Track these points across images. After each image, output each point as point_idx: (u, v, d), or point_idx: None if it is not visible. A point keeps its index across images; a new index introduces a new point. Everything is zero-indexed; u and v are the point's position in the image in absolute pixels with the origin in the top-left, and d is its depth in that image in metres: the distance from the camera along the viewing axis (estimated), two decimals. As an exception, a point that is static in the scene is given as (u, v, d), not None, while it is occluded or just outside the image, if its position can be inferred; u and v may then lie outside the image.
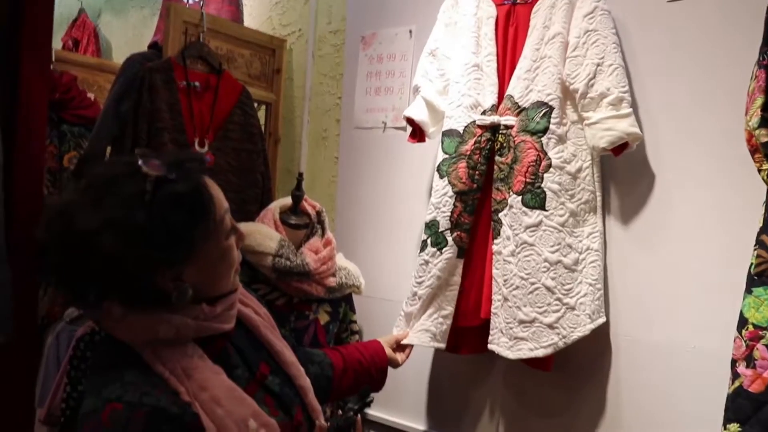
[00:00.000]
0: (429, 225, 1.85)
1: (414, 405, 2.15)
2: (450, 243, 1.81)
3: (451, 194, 1.82)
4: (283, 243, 1.85)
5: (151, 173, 0.99)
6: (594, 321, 1.65)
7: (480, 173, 1.80)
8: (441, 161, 1.86)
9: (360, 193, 2.38)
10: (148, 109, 2.12)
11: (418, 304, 1.84)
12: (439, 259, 1.82)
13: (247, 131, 2.37)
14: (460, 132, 1.83)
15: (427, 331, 1.83)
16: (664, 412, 1.64)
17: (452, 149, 1.84)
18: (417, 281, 1.86)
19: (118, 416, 0.92)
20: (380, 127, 2.34)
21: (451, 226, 1.81)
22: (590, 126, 1.68)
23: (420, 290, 1.84)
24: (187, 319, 1.03)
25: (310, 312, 1.92)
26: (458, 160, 1.82)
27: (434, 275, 1.82)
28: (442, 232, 1.82)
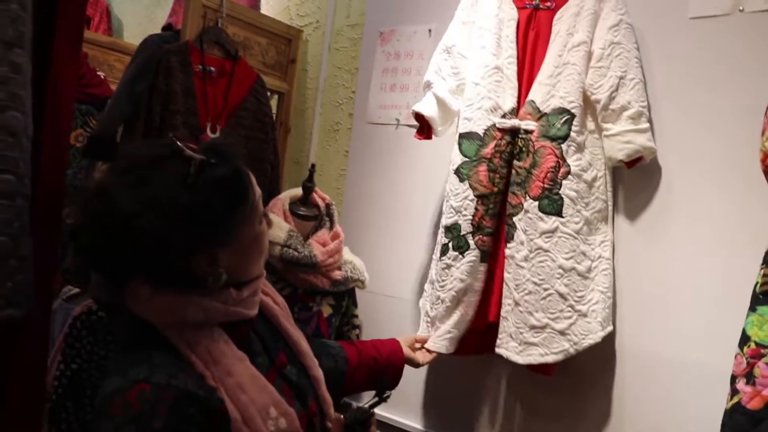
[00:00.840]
0: (450, 228, 1.85)
1: (413, 404, 2.16)
2: (472, 246, 1.81)
3: (472, 197, 1.81)
4: (291, 233, 1.86)
5: (196, 156, 0.99)
6: (604, 329, 1.67)
7: (501, 176, 1.81)
8: (461, 164, 1.85)
9: (369, 188, 2.38)
10: (163, 91, 2.11)
11: (441, 307, 1.84)
12: (461, 262, 1.82)
13: (259, 119, 2.37)
14: (481, 135, 1.83)
15: (451, 340, 1.82)
16: (665, 423, 1.66)
17: (473, 152, 1.83)
18: (440, 285, 1.85)
19: (146, 397, 0.92)
20: (393, 123, 2.34)
21: (473, 229, 1.81)
22: (609, 137, 1.70)
23: (443, 294, 1.84)
24: (215, 302, 1.03)
25: (313, 304, 1.92)
26: (479, 164, 1.82)
27: (457, 278, 1.82)
28: (464, 236, 1.82)
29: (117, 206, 0.96)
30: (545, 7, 1.84)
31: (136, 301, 1.02)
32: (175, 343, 1.01)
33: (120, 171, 1.01)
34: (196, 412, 0.95)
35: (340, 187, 2.50)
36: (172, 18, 3.33)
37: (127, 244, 0.96)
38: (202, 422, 0.95)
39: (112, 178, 1.01)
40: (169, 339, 1.01)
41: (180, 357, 1.00)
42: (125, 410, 0.92)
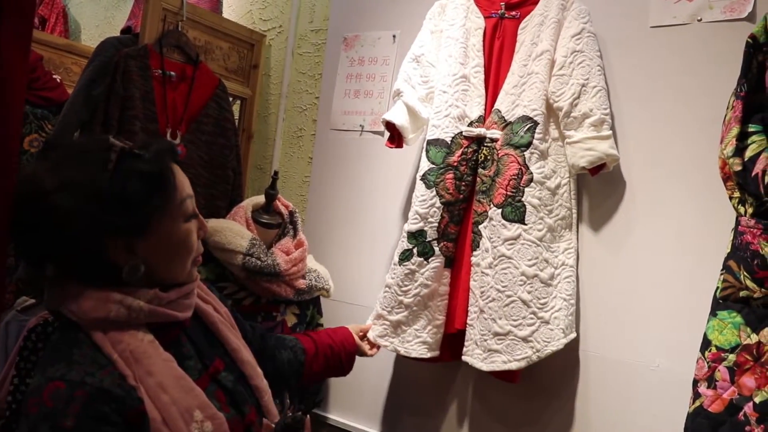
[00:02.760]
0: (415, 234, 1.84)
1: (375, 411, 2.14)
2: (437, 253, 1.82)
3: (438, 205, 1.82)
4: (254, 242, 1.83)
5: (117, 144, 1.03)
6: (567, 336, 1.67)
7: (466, 184, 1.82)
8: (427, 171, 1.86)
9: (333, 195, 2.36)
10: (121, 95, 2.06)
11: (405, 312, 1.84)
12: (426, 268, 1.82)
13: (220, 125, 2.33)
14: (448, 142, 1.83)
15: (424, 343, 1.83)
16: (629, 428, 1.67)
17: (440, 159, 1.84)
18: (402, 290, 1.84)
19: (59, 395, 0.93)
20: (357, 130, 2.32)
21: (439, 236, 1.82)
22: (571, 144, 1.71)
23: (406, 299, 1.83)
24: (140, 301, 1.05)
25: (277, 313, 1.89)
26: (446, 171, 1.82)
27: (421, 284, 1.82)
28: (429, 242, 1.82)
29: (37, 184, 1.01)
30: (510, 17, 1.85)
31: (64, 298, 1.03)
32: (98, 341, 1.01)
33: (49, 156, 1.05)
34: (111, 411, 0.95)
35: (303, 194, 2.47)
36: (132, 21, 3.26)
37: (42, 221, 1.00)
38: (117, 421, 0.95)
39: (41, 162, 1.05)
40: (92, 337, 1.01)
41: (102, 355, 1.00)
42: (39, 408, 0.92)
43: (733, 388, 1.37)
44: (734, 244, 1.41)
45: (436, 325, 1.83)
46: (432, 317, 1.83)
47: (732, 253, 1.41)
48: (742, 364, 1.37)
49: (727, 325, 1.40)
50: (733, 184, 1.42)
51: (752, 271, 1.36)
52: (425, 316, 1.83)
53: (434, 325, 1.83)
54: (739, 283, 1.38)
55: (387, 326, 1.87)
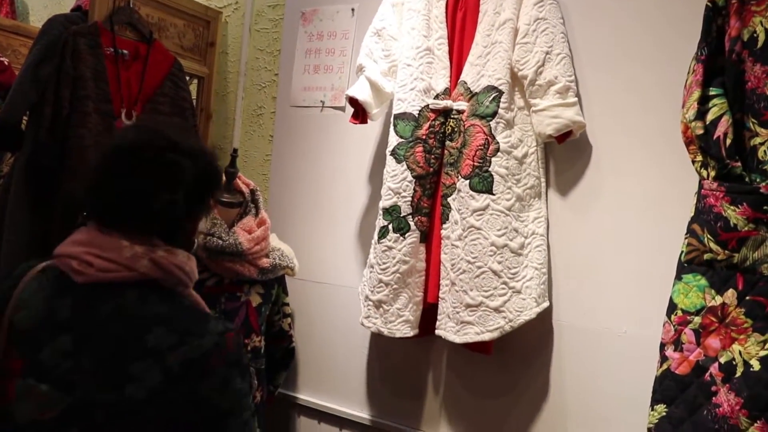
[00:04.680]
0: (389, 210, 1.83)
1: (346, 388, 2.13)
2: (413, 228, 1.80)
3: (410, 179, 1.80)
4: (215, 221, 1.78)
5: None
6: (539, 305, 1.68)
7: (435, 157, 1.80)
8: (396, 145, 1.84)
9: (295, 173, 2.32)
10: (71, 75, 1.97)
11: (386, 290, 1.82)
12: (402, 244, 1.80)
13: (177, 105, 2.26)
14: (415, 116, 1.82)
15: (407, 322, 1.81)
16: (603, 393, 1.69)
17: (408, 133, 1.82)
18: (381, 268, 1.83)
19: (237, 342, 1.07)
20: (318, 106, 2.28)
21: (413, 210, 1.81)
22: (537, 113, 1.70)
23: (386, 277, 1.82)
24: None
25: (241, 293, 1.86)
26: (415, 144, 1.81)
27: (400, 260, 1.80)
28: (404, 217, 1.81)
29: (164, 136, 1.12)
30: (472, -13, 1.82)
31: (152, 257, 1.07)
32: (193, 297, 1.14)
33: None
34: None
35: (265, 173, 2.42)
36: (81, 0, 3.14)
37: (159, 170, 1.09)
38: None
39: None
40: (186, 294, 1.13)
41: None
42: (226, 358, 1.04)
43: (699, 349, 1.39)
44: (698, 207, 1.42)
45: (416, 302, 1.82)
46: (412, 294, 1.82)
47: (696, 217, 1.42)
48: (707, 325, 1.38)
49: (692, 288, 1.41)
50: (695, 148, 1.43)
51: (715, 234, 1.38)
52: (405, 293, 1.82)
53: (414, 302, 1.82)
54: (703, 246, 1.39)
55: (371, 306, 1.85)
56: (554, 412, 1.76)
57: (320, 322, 2.20)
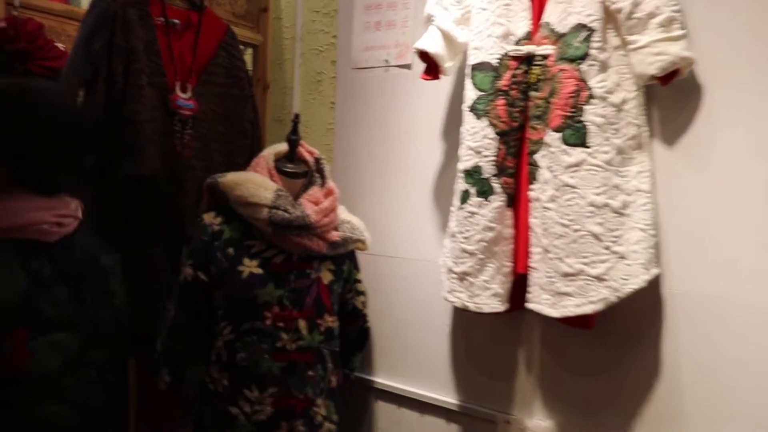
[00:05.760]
0: (470, 172, 1.65)
1: (427, 371, 1.97)
2: (497, 190, 1.62)
3: (492, 136, 1.61)
4: (279, 193, 1.65)
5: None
6: (649, 271, 1.46)
7: (520, 110, 1.60)
8: (476, 99, 1.65)
9: (361, 140, 2.16)
10: (123, 47, 1.86)
11: (471, 261, 1.65)
12: (487, 209, 1.62)
13: (232, 75, 2.13)
14: (494, 65, 1.62)
15: (495, 295, 1.64)
16: (725, 369, 1.47)
17: (487, 85, 1.63)
18: (464, 237, 1.66)
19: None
20: (382, 66, 2.11)
21: (497, 171, 1.62)
22: (637, 51, 1.48)
23: (469, 246, 1.64)
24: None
25: (311, 270, 1.72)
26: (496, 97, 1.62)
27: (485, 227, 1.62)
28: (486, 179, 1.62)
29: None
30: None
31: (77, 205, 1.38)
32: None
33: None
34: None
35: (329, 142, 2.27)
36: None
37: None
38: None
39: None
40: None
41: None
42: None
43: None
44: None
45: (504, 273, 1.63)
46: (500, 264, 1.63)
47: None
48: None
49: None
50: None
51: None
52: (492, 263, 1.63)
53: (503, 273, 1.63)
54: None
55: (454, 279, 1.69)
56: (668, 391, 1.55)
57: (396, 299, 2.05)
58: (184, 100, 1.97)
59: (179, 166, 1.93)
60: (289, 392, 1.66)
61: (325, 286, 1.74)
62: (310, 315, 1.70)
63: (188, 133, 1.97)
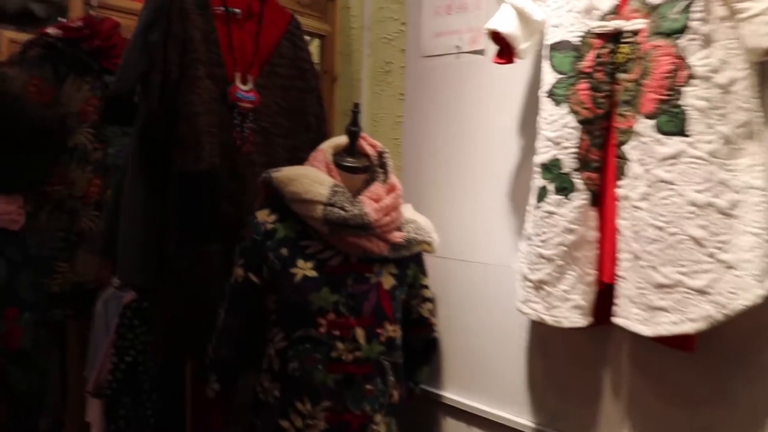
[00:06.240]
0: (548, 166, 1.47)
1: (506, 389, 1.78)
2: (579, 187, 1.43)
3: (574, 124, 1.42)
4: (336, 189, 1.51)
5: None
6: (763, 284, 1.22)
7: (605, 95, 1.40)
8: (555, 83, 1.46)
9: (430, 133, 2.00)
10: (180, 38, 1.79)
11: (548, 268, 1.46)
12: (567, 208, 1.44)
13: (297, 66, 2.02)
14: (576, 44, 1.43)
15: (577, 308, 1.44)
16: None
17: (567, 67, 1.44)
18: (540, 240, 1.48)
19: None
20: (453, 53, 1.94)
21: (579, 165, 1.43)
22: (749, 20, 1.24)
23: (547, 251, 1.46)
24: None
25: (371, 274, 1.58)
26: (578, 80, 1.42)
27: (564, 229, 1.44)
28: (566, 174, 1.44)
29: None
30: None
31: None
32: None
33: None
34: None
35: (396, 136, 2.12)
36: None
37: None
38: None
39: None
40: None
41: None
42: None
43: None
44: None
45: (587, 282, 1.44)
46: (582, 272, 1.44)
47: None
48: None
49: None
50: None
51: None
52: (573, 271, 1.44)
53: (585, 282, 1.44)
54: None
55: (529, 288, 1.51)
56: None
57: (468, 307, 1.87)
58: (244, 92, 1.89)
59: (239, 161, 1.85)
60: (344, 407, 1.52)
61: (386, 292, 1.59)
62: (369, 323, 1.55)
63: (248, 126, 1.88)
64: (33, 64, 2.44)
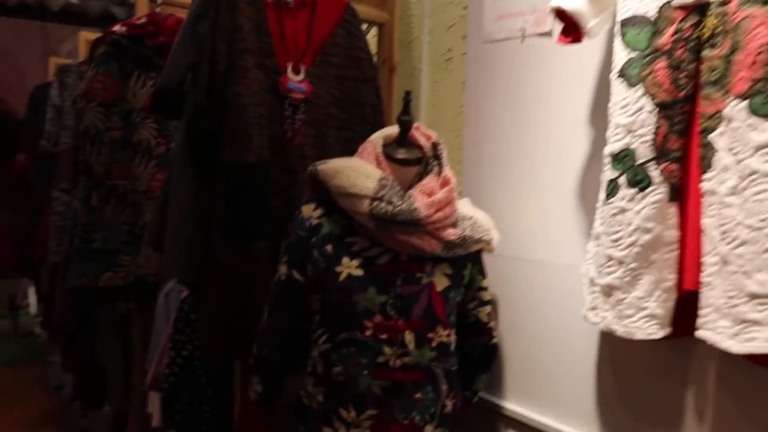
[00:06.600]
0: (619, 156, 1.31)
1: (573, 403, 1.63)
2: (656, 180, 1.26)
3: (650, 108, 1.26)
4: (384, 182, 1.41)
5: None
6: None
7: (687, 75, 1.23)
8: (627, 62, 1.30)
9: (493, 124, 1.86)
10: (228, 28, 1.73)
11: (619, 271, 1.31)
12: (641, 204, 1.28)
13: (352, 56, 1.93)
14: (652, 18, 1.27)
15: (652, 317, 1.28)
16: None
17: (642, 43, 1.28)
18: (611, 240, 1.32)
19: None
20: (517, 36, 1.79)
21: (656, 154, 1.26)
22: None
23: (618, 252, 1.31)
24: None
25: (422, 274, 1.46)
26: (654, 59, 1.26)
27: (638, 227, 1.28)
28: (641, 165, 1.28)
29: None
30: None
31: None
32: None
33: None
34: None
35: (458, 128, 1.99)
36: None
37: None
38: None
39: None
40: None
41: None
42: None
43: None
44: None
45: (665, 288, 1.27)
46: (659, 277, 1.27)
47: None
48: None
49: None
50: None
51: None
52: (649, 275, 1.28)
53: (663, 288, 1.27)
54: None
55: (598, 293, 1.36)
56: None
57: (530, 311, 1.73)
58: (296, 82, 1.81)
59: (290, 154, 1.78)
60: (391, 416, 1.41)
61: (439, 294, 1.47)
62: (419, 327, 1.44)
63: (300, 118, 1.81)
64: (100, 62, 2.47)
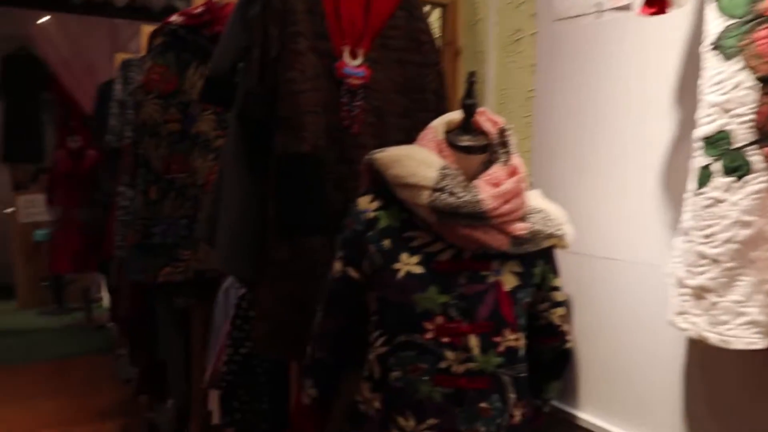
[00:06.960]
0: (713, 140, 1.16)
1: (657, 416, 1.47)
2: (758, 166, 1.11)
3: (750, 83, 1.10)
4: (446, 172, 1.29)
5: None
6: None
7: None
8: (723, 32, 1.15)
9: (566, 109, 1.71)
10: (280, 10, 1.65)
11: (713, 271, 1.15)
12: (740, 194, 1.12)
13: (413, 39, 1.82)
14: None
15: (753, 324, 1.13)
16: None
17: (741, 9, 1.12)
18: (703, 235, 1.17)
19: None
20: (592, 12, 1.63)
21: (758, 136, 1.10)
22: None
23: (711, 249, 1.15)
24: None
25: (488, 272, 1.34)
26: (755, 26, 1.10)
27: (736, 221, 1.12)
28: (739, 150, 1.12)
29: None
30: None
31: None
32: None
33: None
34: None
35: (528, 113, 1.85)
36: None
37: None
38: None
39: None
40: None
41: None
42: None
43: None
44: None
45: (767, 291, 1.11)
46: (761, 278, 1.12)
47: None
48: None
49: None
50: None
51: None
52: (748, 276, 1.12)
53: (766, 291, 1.12)
54: None
55: (687, 296, 1.20)
56: None
57: (608, 313, 1.57)
58: (353, 67, 1.73)
59: (347, 143, 1.70)
60: (453, 426, 1.30)
61: (507, 294, 1.34)
62: (485, 330, 1.31)
63: (358, 105, 1.72)
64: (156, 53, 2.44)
